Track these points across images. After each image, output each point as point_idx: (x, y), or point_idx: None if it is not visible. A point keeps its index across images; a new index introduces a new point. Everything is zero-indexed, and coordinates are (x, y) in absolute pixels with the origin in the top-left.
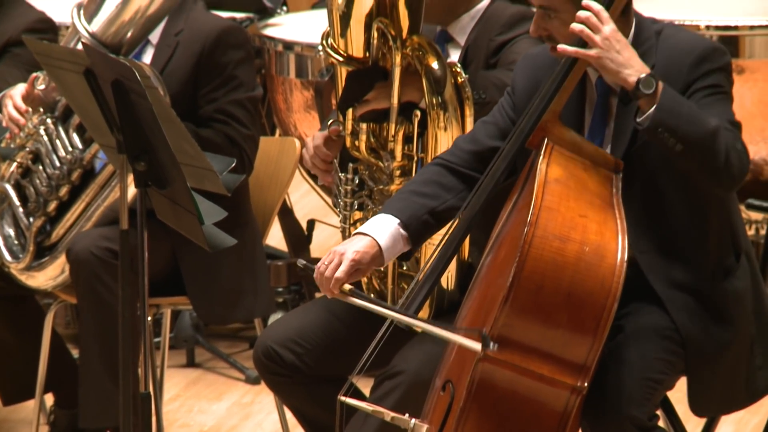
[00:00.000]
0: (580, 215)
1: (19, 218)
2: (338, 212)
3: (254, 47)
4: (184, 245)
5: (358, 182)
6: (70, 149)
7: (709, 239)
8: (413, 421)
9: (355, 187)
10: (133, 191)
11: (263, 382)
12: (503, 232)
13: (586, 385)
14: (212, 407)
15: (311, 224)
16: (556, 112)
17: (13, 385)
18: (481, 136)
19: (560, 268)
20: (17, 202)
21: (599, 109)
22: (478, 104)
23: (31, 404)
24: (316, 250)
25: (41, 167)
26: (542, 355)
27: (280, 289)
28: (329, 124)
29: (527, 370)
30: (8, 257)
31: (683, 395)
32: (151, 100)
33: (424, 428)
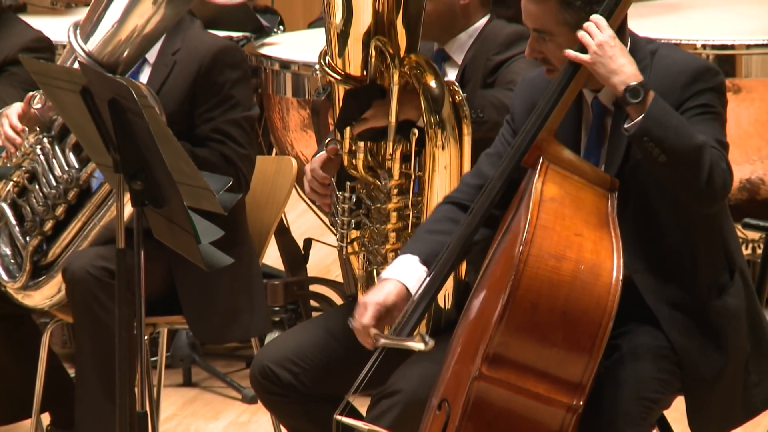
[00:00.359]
0: (575, 234)
1: (15, 237)
2: (335, 231)
3: (251, 66)
4: (180, 264)
5: (355, 201)
6: (66, 168)
7: (702, 257)
8: None
9: (352, 205)
10: (129, 210)
11: (260, 401)
12: (499, 250)
13: (581, 403)
14: (209, 426)
15: (308, 243)
16: (551, 130)
17: (9, 404)
18: (485, 168)
19: (555, 286)
20: (14, 221)
21: (595, 129)
22: (475, 123)
23: (27, 424)
24: (312, 269)
25: (38, 186)
26: (538, 373)
27: (276, 308)
28: (327, 143)
29: (523, 388)
30: (5, 276)
31: (680, 414)
32: (147, 119)
33: None
